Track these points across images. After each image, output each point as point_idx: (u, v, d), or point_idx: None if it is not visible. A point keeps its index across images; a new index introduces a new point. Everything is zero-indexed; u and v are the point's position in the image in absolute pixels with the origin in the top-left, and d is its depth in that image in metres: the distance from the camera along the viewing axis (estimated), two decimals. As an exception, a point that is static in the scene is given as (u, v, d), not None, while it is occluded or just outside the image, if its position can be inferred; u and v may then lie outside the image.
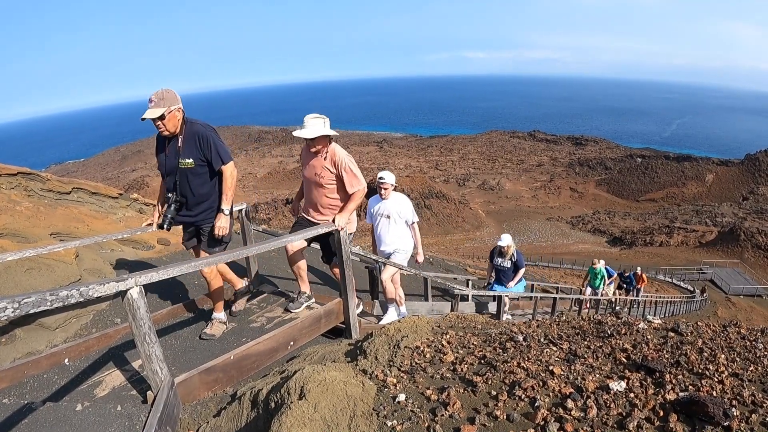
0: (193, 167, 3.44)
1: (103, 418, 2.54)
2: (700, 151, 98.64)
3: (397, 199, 5.09)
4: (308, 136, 3.71)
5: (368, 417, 1.97)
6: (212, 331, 3.76)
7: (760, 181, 67.66)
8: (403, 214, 5.06)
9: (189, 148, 3.43)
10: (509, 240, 6.84)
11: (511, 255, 6.84)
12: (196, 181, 3.51)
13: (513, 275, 6.95)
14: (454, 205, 58.23)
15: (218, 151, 3.49)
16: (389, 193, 5.04)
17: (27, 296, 1.85)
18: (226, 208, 3.56)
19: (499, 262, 6.93)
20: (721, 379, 2.11)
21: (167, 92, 3.29)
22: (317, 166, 3.91)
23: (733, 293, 26.93)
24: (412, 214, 5.13)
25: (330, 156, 3.88)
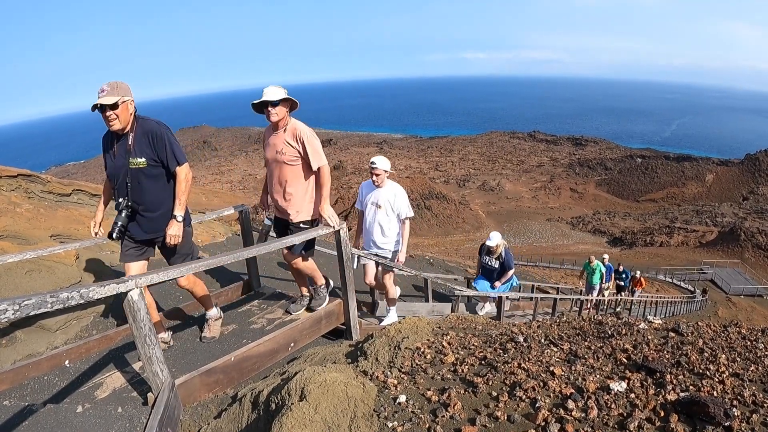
0: (145, 167, 3.10)
1: (104, 420, 2.54)
2: (700, 151, 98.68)
3: (392, 189, 4.72)
4: (270, 98, 3.43)
5: (369, 418, 1.97)
6: (211, 333, 3.68)
7: (760, 181, 67.67)
8: (396, 205, 4.70)
9: (140, 147, 3.09)
10: (498, 239, 6.54)
11: (499, 254, 6.57)
12: (150, 183, 3.16)
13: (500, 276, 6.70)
14: (455, 206, 58.24)
15: (173, 151, 3.16)
16: (383, 180, 4.67)
17: (27, 298, 1.85)
18: (179, 214, 3.18)
19: (487, 261, 6.69)
20: (722, 379, 2.11)
21: (121, 83, 3.05)
22: (278, 143, 3.64)
23: (734, 293, 26.92)
24: (407, 208, 4.77)
25: (291, 130, 3.62)
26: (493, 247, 6.47)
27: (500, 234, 6.68)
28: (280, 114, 3.53)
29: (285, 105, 3.53)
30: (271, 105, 3.47)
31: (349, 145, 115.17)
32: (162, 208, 3.22)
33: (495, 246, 6.46)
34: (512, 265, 6.64)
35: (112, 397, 2.85)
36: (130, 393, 2.86)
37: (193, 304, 4.34)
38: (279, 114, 3.51)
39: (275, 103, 3.47)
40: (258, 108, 3.53)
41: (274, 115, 3.50)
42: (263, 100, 3.45)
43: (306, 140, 3.56)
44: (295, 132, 3.59)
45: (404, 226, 4.85)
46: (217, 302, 4.40)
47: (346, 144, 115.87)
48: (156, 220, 3.22)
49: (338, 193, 70.92)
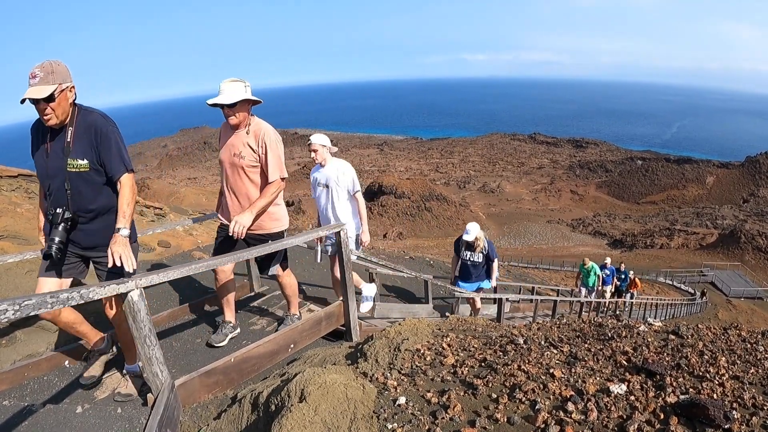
0: (87, 171, 2.57)
1: (104, 421, 2.54)
2: (701, 153, 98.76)
3: (336, 165, 4.46)
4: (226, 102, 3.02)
5: (369, 420, 1.97)
6: (90, 372, 3.00)
7: (761, 184, 67.66)
8: (342, 181, 4.42)
9: (82, 145, 2.54)
10: (477, 231, 6.00)
11: (482, 247, 6.07)
12: (92, 191, 2.63)
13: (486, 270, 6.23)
14: (455, 208, 58.26)
15: (121, 155, 2.64)
16: (322, 157, 4.38)
17: (27, 298, 1.86)
18: (124, 228, 2.56)
19: (468, 256, 6.14)
20: (722, 381, 2.11)
21: (57, 65, 2.44)
22: (236, 144, 3.22)
23: (734, 296, 26.90)
24: (353, 182, 4.46)
25: (254, 130, 3.22)
26: (473, 240, 5.99)
27: (478, 225, 6.15)
28: (240, 116, 3.16)
29: (245, 105, 3.16)
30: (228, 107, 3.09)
31: (349, 146, 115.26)
32: (105, 220, 2.71)
33: (475, 239, 5.98)
34: (496, 254, 6.22)
35: (112, 397, 2.85)
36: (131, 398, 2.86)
37: (193, 305, 4.34)
38: (239, 117, 3.16)
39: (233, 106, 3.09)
40: None
41: (233, 119, 3.15)
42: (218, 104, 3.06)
43: (269, 146, 3.18)
44: (258, 134, 3.21)
45: (358, 203, 4.55)
46: (216, 305, 4.40)
47: (346, 145, 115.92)
48: (96, 233, 2.70)
49: (338, 195, 70.75)
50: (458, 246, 6.26)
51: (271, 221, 3.47)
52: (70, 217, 2.59)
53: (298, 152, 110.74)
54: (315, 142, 4.34)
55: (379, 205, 56.53)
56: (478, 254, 6.09)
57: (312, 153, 4.36)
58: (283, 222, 3.56)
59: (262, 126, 3.24)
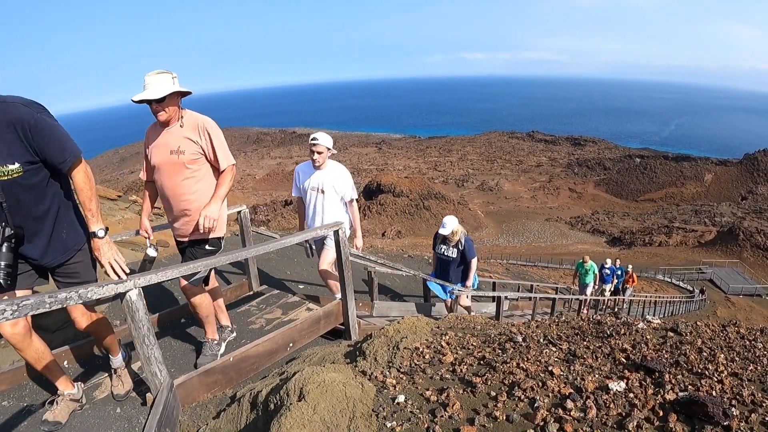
0: (20, 174, 2.13)
1: (103, 421, 2.54)
2: (699, 151, 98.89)
3: (334, 169, 4.22)
4: (153, 96, 2.72)
5: (368, 418, 1.96)
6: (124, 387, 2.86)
7: (759, 181, 67.79)
8: (340, 188, 4.20)
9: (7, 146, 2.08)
10: (455, 224, 5.55)
11: (457, 242, 5.62)
12: (33, 195, 2.22)
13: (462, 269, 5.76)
14: (453, 206, 58.26)
15: (60, 143, 2.20)
16: (324, 159, 4.14)
17: (26, 298, 1.85)
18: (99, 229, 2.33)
19: (443, 251, 5.71)
20: (721, 378, 2.11)
21: None
22: (173, 141, 2.91)
23: (733, 293, 26.96)
24: (352, 190, 4.29)
25: (189, 123, 2.94)
26: (449, 234, 5.55)
27: (456, 219, 5.69)
28: (171, 111, 2.85)
29: (175, 98, 2.86)
30: (157, 103, 2.78)
31: (347, 145, 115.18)
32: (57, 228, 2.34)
33: (452, 233, 5.53)
34: (475, 254, 5.71)
35: (111, 397, 2.84)
36: (129, 393, 2.86)
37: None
38: (169, 111, 2.85)
39: (162, 101, 2.78)
40: None
41: (162, 115, 2.83)
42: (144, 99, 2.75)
43: (212, 133, 2.93)
44: (196, 125, 2.93)
45: (352, 209, 4.38)
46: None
47: (344, 144, 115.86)
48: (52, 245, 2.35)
49: (337, 194, 70.78)
50: (435, 241, 5.90)
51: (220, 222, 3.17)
52: (12, 234, 2.18)
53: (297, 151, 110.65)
54: (321, 143, 4.07)
55: (378, 204, 56.52)
56: (452, 249, 5.65)
57: (315, 155, 4.09)
58: (223, 227, 3.22)
59: (197, 116, 2.96)
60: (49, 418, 2.48)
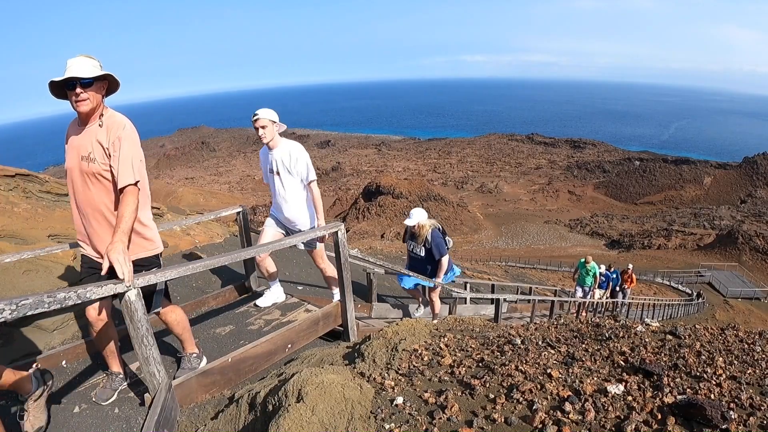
0: None
1: (101, 421, 2.53)
2: (698, 154, 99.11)
3: (287, 148, 3.86)
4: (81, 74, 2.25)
5: (366, 420, 1.96)
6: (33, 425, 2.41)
7: (758, 184, 67.91)
8: (295, 168, 3.85)
9: None
10: (421, 216, 5.01)
11: (424, 239, 5.04)
12: None
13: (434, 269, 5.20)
14: (452, 208, 58.28)
15: None
16: (271, 135, 3.79)
17: (25, 298, 1.85)
18: None
19: (412, 247, 5.21)
20: (719, 381, 2.11)
21: None
22: (85, 143, 2.41)
23: (731, 296, 26.94)
24: (308, 169, 3.91)
25: (108, 124, 2.42)
26: (414, 227, 5.02)
27: (424, 211, 5.15)
28: (94, 100, 2.36)
29: (100, 86, 2.40)
30: (81, 85, 2.29)
31: (347, 146, 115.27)
32: None
33: (416, 226, 5.00)
34: (444, 251, 5.07)
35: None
36: (127, 394, 2.85)
37: (190, 305, 4.33)
38: (92, 99, 2.35)
39: (87, 83, 2.30)
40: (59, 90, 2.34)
41: (85, 103, 2.33)
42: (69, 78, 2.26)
43: (123, 140, 2.40)
44: (112, 126, 2.42)
45: (312, 193, 4.00)
46: (213, 304, 4.40)
47: (344, 146, 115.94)
48: None
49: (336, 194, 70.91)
50: (405, 234, 5.36)
51: (143, 241, 2.67)
52: None
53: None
54: (263, 117, 3.73)
55: (377, 206, 56.53)
56: (420, 246, 5.10)
57: (259, 130, 3.75)
58: (157, 243, 2.80)
59: (117, 117, 2.46)
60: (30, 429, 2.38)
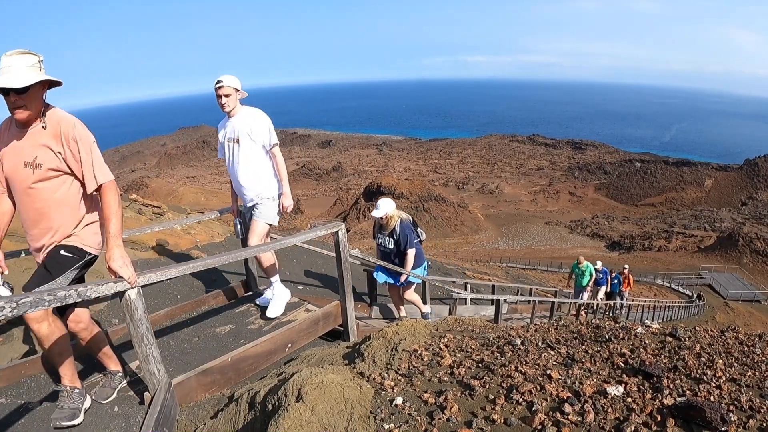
0: None
1: (100, 419, 2.53)
2: (699, 156, 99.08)
3: (248, 114, 3.68)
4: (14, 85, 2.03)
5: (365, 420, 1.96)
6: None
7: (759, 187, 67.86)
8: (256, 134, 3.65)
9: None
10: (388, 207, 4.78)
11: (392, 230, 4.83)
12: None
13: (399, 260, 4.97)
14: (453, 209, 58.27)
15: None
16: (234, 104, 3.62)
17: (25, 296, 1.85)
18: None
19: (380, 240, 4.96)
20: (719, 384, 2.11)
21: None
22: (28, 149, 2.20)
23: (732, 298, 26.93)
24: (270, 134, 3.71)
25: (52, 124, 2.20)
26: (382, 219, 4.80)
27: (392, 201, 4.89)
28: (32, 106, 2.14)
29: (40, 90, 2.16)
30: (18, 94, 2.07)
31: (348, 146, 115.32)
32: None
33: (384, 218, 4.78)
34: (412, 243, 4.86)
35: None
36: (127, 392, 2.85)
37: (190, 304, 4.34)
38: (31, 105, 2.14)
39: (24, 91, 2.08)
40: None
41: (22, 111, 2.12)
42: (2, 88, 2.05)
43: (81, 141, 2.22)
44: (59, 128, 2.20)
45: (276, 159, 3.80)
46: (214, 303, 4.40)
47: (345, 146, 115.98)
48: None
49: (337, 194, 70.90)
50: (374, 227, 5.12)
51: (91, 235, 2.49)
52: None
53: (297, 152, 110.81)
54: (227, 84, 3.51)
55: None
56: (389, 239, 4.86)
57: (222, 98, 3.55)
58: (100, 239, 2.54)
59: (61, 116, 2.23)
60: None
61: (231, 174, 3.84)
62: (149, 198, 20.77)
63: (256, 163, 3.72)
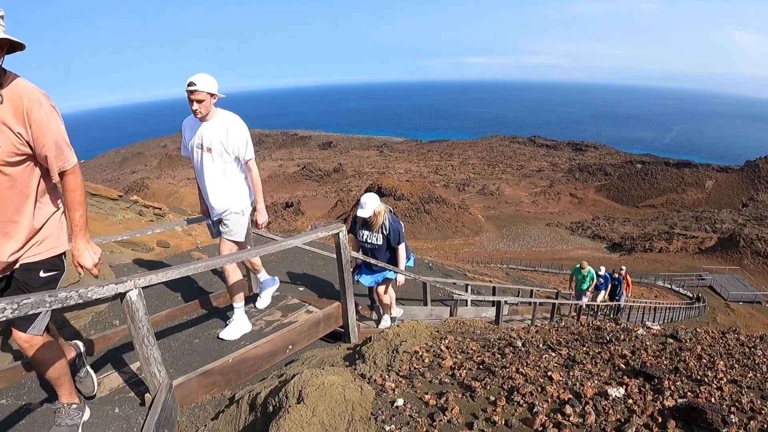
0: None
1: (101, 420, 2.53)
2: (700, 157, 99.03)
3: (223, 121, 3.30)
4: None
5: (366, 421, 1.96)
6: None
7: (760, 188, 67.80)
8: (231, 145, 3.31)
9: None
10: (376, 203, 4.53)
11: (380, 226, 4.61)
12: None
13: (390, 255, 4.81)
14: (454, 210, 58.26)
15: None
16: (207, 109, 3.20)
17: (26, 297, 1.85)
18: None
19: (365, 237, 4.70)
20: (720, 385, 2.11)
21: None
22: None
23: (733, 300, 26.90)
24: (247, 146, 3.38)
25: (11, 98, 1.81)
26: (371, 217, 4.57)
27: (376, 196, 4.64)
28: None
29: None
30: None
31: (349, 148, 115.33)
32: None
33: (374, 215, 4.55)
34: (403, 238, 4.75)
35: (110, 397, 2.84)
36: (128, 393, 2.86)
37: (191, 305, 4.34)
38: None
39: None
40: None
41: None
42: None
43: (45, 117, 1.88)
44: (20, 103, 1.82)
45: (251, 172, 3.51)
46: (215, 305, 4.40)
47: (346, 147, 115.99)
48: None
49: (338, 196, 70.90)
50: (354, 226, 4.85)
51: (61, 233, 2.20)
52: None
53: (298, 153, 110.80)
54: (200, 88, 3.10)
55: (379, 207, 56.48)
56: (377, 234, 4.66)
57: (195, 104, 3.15)
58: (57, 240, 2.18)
59: (24, 89, 1.84)
60: None
61: (198, 181, 3.53)
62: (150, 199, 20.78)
63: (226, 175, 3.41)
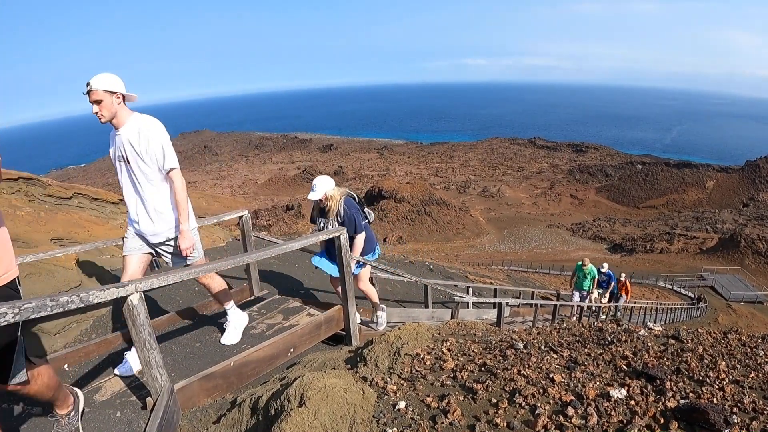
0: None
1: (103, 424, 2.53)
2: (701, 157, 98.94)
3: (138, 125, 2.89)
4: None
5: (368, 424, 1.96)
6: None
7: (761, 188, 67.72)
8: (147, 151, 2.89)
9: None
10: (328, 185, 4.14)
11: (336, 213, 4.17)
12: None
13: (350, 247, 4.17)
14: (455, 212, 58.21)
15: None
16: (110, 112, 2.80)
17: (27, 302, 1.86)
18: None
19: (322, 224, 4.28)
20: (722, 386, 2.10)
21: None
22: None
23: (734, 300, 26.83)
24: (163, 154, 2.92)
25: None
26: (322, 200, 4.16)
27: (330, 178, 4.21)
28: None
29: None
30: None
31: (349, 150, 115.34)
32: None
33: (324, 198, 4.13)
34: (360, 227, 4.28)
35: (112, 401, 2.84)
36: (129, 397, 2.86)
37: (192, 309, 4.34)
38: None
39: None
40: None
41: None
42: None
43: None
44: None
45: (174, 184, 3.02)
46: (216, 308, 4.40)
47: (346, 150, 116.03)
48: None
49: (338, 198, 70.71)
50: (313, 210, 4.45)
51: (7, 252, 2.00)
52: None
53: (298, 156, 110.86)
54: (97, 87, 2.70)
55: (379, 210, 56.50)
56: (332, 222, 4.21)
57: (94, 106, 2.76)
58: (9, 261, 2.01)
59: None
60: None
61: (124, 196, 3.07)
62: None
63: (150, 188, 2.98)
